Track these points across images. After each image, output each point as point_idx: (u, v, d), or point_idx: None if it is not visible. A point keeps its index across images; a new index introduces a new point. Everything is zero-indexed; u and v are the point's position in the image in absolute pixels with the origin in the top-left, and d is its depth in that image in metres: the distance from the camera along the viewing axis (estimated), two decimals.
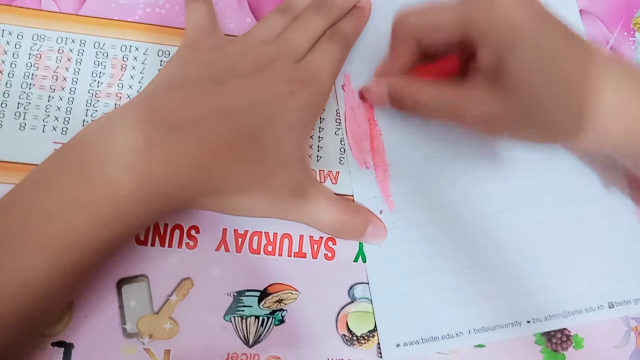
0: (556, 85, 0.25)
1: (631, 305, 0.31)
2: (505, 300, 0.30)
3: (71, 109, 0.31)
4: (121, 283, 0.28)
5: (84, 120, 0.30)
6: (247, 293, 0.29)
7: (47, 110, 0.30)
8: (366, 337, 0.29)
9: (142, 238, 0.29)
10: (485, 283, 0.30)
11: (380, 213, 0.31)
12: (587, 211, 0.32)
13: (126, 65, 0.32)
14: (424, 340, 0.29)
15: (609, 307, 0.31)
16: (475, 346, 0.30)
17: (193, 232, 0.30)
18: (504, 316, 0.30)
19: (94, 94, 0.31)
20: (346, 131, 0.32)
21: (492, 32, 0.25)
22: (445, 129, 0.32)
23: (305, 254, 0.30)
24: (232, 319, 0.29)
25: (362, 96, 0.32)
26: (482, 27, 0.26)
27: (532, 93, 0.25)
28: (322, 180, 0.31)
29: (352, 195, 0.31)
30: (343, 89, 0.33)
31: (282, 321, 0.29)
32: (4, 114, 0.30)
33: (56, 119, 0.30)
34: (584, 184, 0.32)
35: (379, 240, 0.30)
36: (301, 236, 0.30)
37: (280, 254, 0.30)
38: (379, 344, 0.29)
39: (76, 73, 0.31)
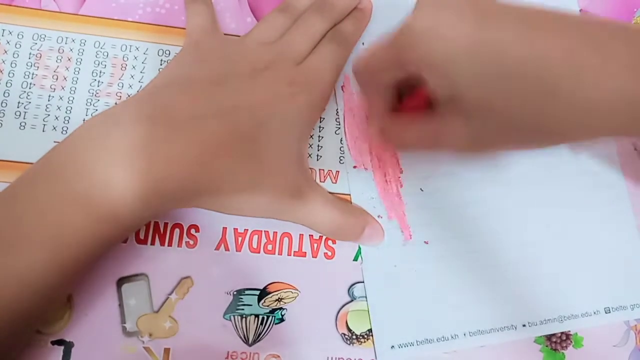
0: (512, 89, 0.23)
1: (627, 310, 0.31)
2: (501, 303, 0.30)
3: (71, 108, 0.31)
4: (121, 282, 0.28)
5: (84, 120, 0.30)
6: (246, 292, 0.29)
7: (47, 110, 0.30)
8: (366, 336, 0.29)
9: (142, 237, 0.29)
10: (481, 286, 0.30)
11: (379, 218, 0.31)
12: (584, 216, 0.32)
13: (126, 65, 0.32)
14: (418, 342, 0.29)
15: (605, 313, 0.31)
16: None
17: (193, 230, 0.30)
18: (499, 319, 0.30)
19: (94, 93, 0.31)
20: (345, 132, 0.32)
21: (427, 65, 0.24)
22: None
23: (305, 253, 0.30)
24: (232, 317, 0.29)
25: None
26: (415, 63, 0.25)
27: (493, 107, 0.23)
28: (322, 180, 0.31)
29: (350, 195, 0.31)
30: (342, 89, 0.33)
31: (281, 320, 0.29)
32: (4, 114, 0.30)
33: (56, 118, 0.30)
34: (582, 189, 0.32)
35: (376, 242, 0.30)
36: (301, 235, 0.30)
37: (280, 253, 0.30)
38: None
39: (76, 73, 0.31)
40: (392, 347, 0.29)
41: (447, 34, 0.23)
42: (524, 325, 0.30)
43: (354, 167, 0.31)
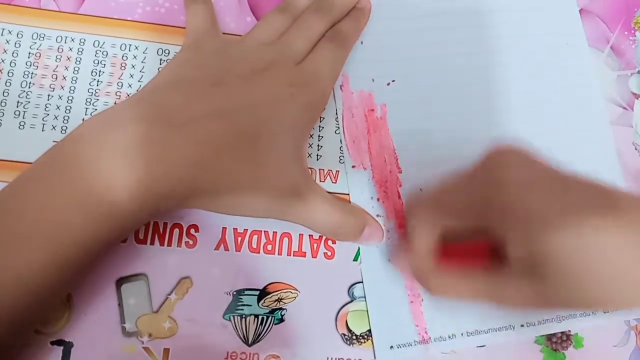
0: (597, 262, 0.22)
1: (626, 310, 0.31)
2: None
3: (71, 107, 0.31)
4: (120, 282, 0.28)
5: (83, 119, 0.30)
6: (246, 292, 0.29)
7: (47, 109, 0.30)
8: (365, 336, 0.29)
9: (141, 237, 0.29)
10: None
11: (378, 217, 0.31)
12: None
13: (126, 64, 0.32)
14: (417, 343, 0.29)
15: (604, 312, 0.31)
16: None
17: (192, 230, 0.30)
18: (498, 319, 0.30)
19: (94, 92, 0.31)
20: (344, 131, 0.32)
21: (515, 228, 0.24)
22: (448, 132, 0.32)
23: (305, 253, 0.30)
24: (232, 317, 0.29)
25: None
26: (502, 215, 0.24)
27: (573, 273, 0.23)
28: (322, 179, 0.31)
29: (349, 194, 0.31)
30: (341, 89, 0.33)
31: (281, 320, 0.29)
32: (3, 113, 0.30)
33: (56, 117, 0.30)
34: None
35: (375, 242, 0.30)
36: (301, 235, 0.30)
37: (279, 253, 0.30)
38: None
39: (76, 72, 0.31)
40: (391, 347, 0.29)
41: (541, 197, 0.23)
42: (522, 325, 0.30)
43: (353, 166, 0.31)
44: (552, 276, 0.23)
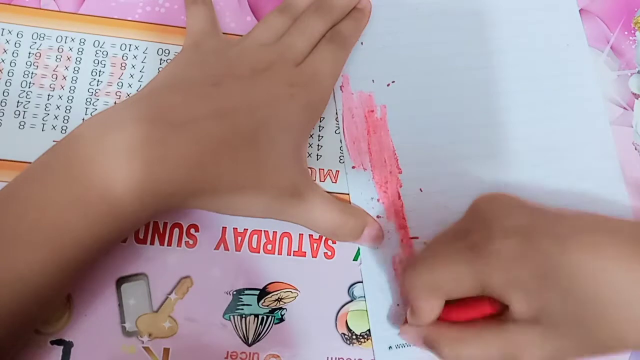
0: (600, 306, 0.22)
1: None
2: None
3: (71, 107, 0.31)
4: (120, 281, 0.28)
5: (83, 119, 0.30)
6: (246, 292, 0.29)
7: (47, 109, 0.30)
8: (365, 336, 0.29)
9: (141, 236, 0.29)
10: None
11: (378, 218, 0.31)
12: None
13: (126, 64, 0.32)
14: None
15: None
16: None
17: (192, 230, 0.30)
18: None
19: (94, 92, 0.31)
20: (343, 132, 0.32)
21: (516, 289, 0.24)
22: (448, 133, 0.32)
23: (305, 252, 0.30)
24: (232, 317, 0.29)
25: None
26: (504, 287, 0.24)
27: (580, 322, 0.23)
28: (322, 179, 0.31)
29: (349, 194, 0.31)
30: (341, 89, 0.33)
31: (281, 320, 0.29)
32: (3, 113, 0.30)
33: (56, 117, 0.30)
34: (577, 189, 0.32)
35: (376, 243, 0.30)
36: (301, 235, 0.30)
37: (279, 253, 0.30)
38: None
39: (76, 72, 0.31)
40: (390, 347, 0.29)
41: (537, 259, 0.23)
42: None
43: (353, 167, 0.31)
44: (558, 324, 0.23)
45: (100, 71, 0.31)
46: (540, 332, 0.24)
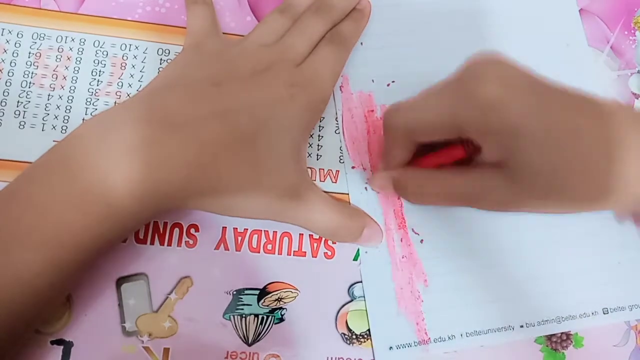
0: (574, 161, 0.24)
1: (626, 311, 0.31)
2: (498, 304, 0.30)
3: (71, 107, 0.31)
4: (120, 281, 0.28)
5: (83, 119, 0.30)
6: (246, 291, 0.29)
7: (47, 109, 0.30)
8: (365, 336, 0.29)
9: (141, 236, 0.29)
10: (479, 286, 0.30)
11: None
12: (583, 216, 0.32)
13: (126, 64, 0.32)
14: (416, 343, 0.29)
15: (604, 313, 0.31)
16: None
17: (192, 230, 0.30)
18: (497, 320, 0.30)
19: (94, 92, 0.31)
20: (343, 132, 0.32)
21: (490, 133, 0.24)
22: None
23: (305, 252, 0.30)
24: (232, 317, 0.29)
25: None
26: (477, 130, 0.25)
27: (549, 175, 0.24)
28: (322, 179, 0.31)
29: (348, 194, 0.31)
30: (341, 90, 0.33)
31: (281, 320, 0.29)
32: (3, 113, 0.30)
33: (56, 117, 0.30)
34: None
35: (375, 244, 0.30)
36: (301, 235, 0.30)
37: (279, 253, 0.30)
38: None
39: (76, 72, 0.31)
40: (390, 348, 0.29)
41: (516, 109, 0.24)
42: (521, 326, 0.30)
43: (353, 167, 0.31)
44: (525, 172, 0.24)
45: (100, 71, 0.31)
46: (506, 177, 0.25)
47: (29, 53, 0.31)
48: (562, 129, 0.24)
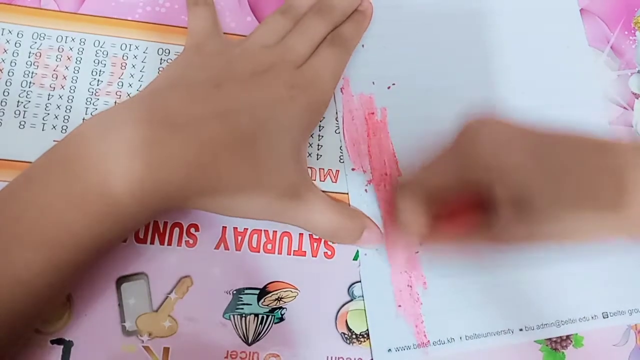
0: (577, 188, 0.24)
1: (626, 316, 0.31)
2: (498, 307, 0.30)
3: (71, 107, 0.31)
4: (120, 281, 0.28)
5: (83, 119, 0.30)
6: (246, 291, 0.29)
7: (47, 109, 0.30)
8: (365, 336, 0.29)
9: (141, 236, 0.29)
10: (478, 289, 0.30)
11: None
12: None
13: (126, 64, 0.32)
14: (415, 346, 0.29)
15: (604, 317, 0.31)
16: None
17: (192, 230, 0.30)
18: (496, 323, 0.30)
19: (94, 92, 0.31)
20: (344, 134, 0.32)
21: (502, 190, 0.25)
22: (448, 135, 0.32)
23: (305, 252, 0.30)
24: (232, 317, 0.29)
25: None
26: (489, 190, 0.25)
27: (555, 209, 0.24)
28: (322, 179, 0.31)
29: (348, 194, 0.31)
30: (342, 92, 0.33)
31: (281, 319, 0.29)
32: (3, 113, 0.30)
33: (56, 117, 0.30)
34: None
35: (375, 246, 0.30)
36: (301, 234, 0.30)
37: (279, 252, 0.30)
38: None
39: (76, 72, 0.31)
40: (389, 350, 0.29)
41: (515, 148, 0.25)
42: (521, 330, 0.30)
43: (353, 169, 0.31)
44: (540, 215, 0.24)
45: (100, 71, 0.31)
46: (518, 220, 0.25)
47: (29, 53, 0.31)
48: (554, 163, 0.24)
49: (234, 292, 0.29)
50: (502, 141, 0.25)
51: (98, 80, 0.31)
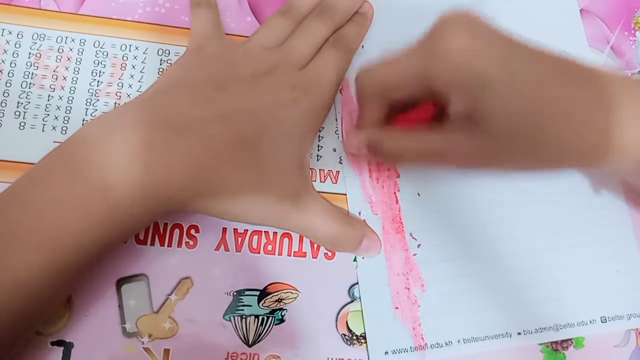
0: (543, 114, 0.23)
1: (624, 320, 0.31)
2: (496, 311, 0.30)
3: (71, 108, 0.31)
4: (121, 282, 0.28)
5: (83, 120, 0.30)
6: (246, 292, 0.29)
7: (47, 110, 0.30)
8: (366, 337, 0.29)
9: (141, 237, 0.29)
10: (477, 293, 0.30)
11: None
12: (581, 224, 0.32)
13: (126, 65, 0.32)
14: (412, 349, 0.29)
15: (602, 322, 0.31)
16: None
17: (193, 231, 0.30)
18: (494, 327, 0.30)
19: (94, 93, 0.31)
20: (343, 135, 0.32)
21: (457, 84, 0.24)
22: None
23: (305, 253, 0.30)
24: (232, 318, 0.29)
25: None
26: (444, 82, 0.25)
27: (515, 129, 0.24)
28: (322, 180, 0.31)
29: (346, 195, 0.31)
30: (341, 92, 0.33)
31: (281, 320, 0.29)
32: (3, 113, 0.30)
33: (56, 118, 0.30)
34: (582, 205, 0.32)
35: (373, 254, 0.30)
36: (301, 235, 0.30)
37: (280, 253, 0.30)
38: None
39: (76, 72, 0.31)
40: (386, 353, 0.29)
41: (482, 59, 0.24)
42: (519, 333, 0.30)
43: (351, 170, 0.31)
44: (491, 126, 0.24)
45: (100, 71, 0.31)
46: (476, 129, 0.25)
47: (29, 53, 0.31)
48: (526, 79, 0.23)
49: (235, 293, 0.29)
50: (474, 43, 0.24)
51: (98, 81, 0.31)
